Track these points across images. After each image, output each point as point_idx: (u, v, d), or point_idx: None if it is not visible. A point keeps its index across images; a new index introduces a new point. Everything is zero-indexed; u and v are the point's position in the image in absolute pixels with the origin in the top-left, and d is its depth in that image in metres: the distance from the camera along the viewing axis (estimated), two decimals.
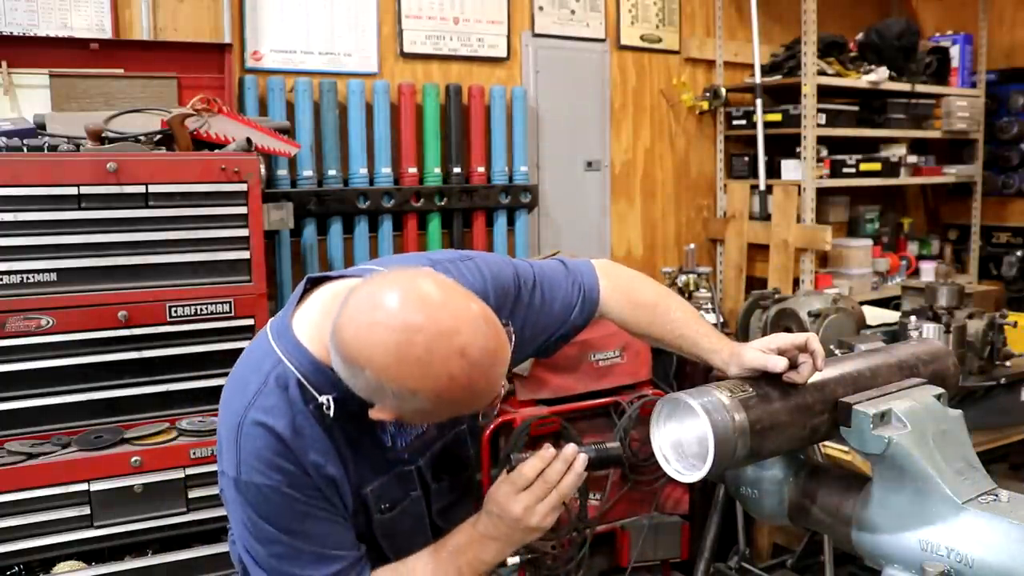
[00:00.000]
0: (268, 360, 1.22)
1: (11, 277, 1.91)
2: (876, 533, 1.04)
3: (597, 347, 2.89)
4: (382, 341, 1.04)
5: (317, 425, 1.19)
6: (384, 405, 1.11)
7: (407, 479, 1.31)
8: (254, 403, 1.19)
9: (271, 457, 1.16)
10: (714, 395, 1.11)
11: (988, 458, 2.35)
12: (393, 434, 1.28)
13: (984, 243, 4.40)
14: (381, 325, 1.05)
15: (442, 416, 1.18)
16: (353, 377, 1.10)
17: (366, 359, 1.06)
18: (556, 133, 3.48)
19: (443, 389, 1.06)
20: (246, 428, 1.18)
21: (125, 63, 2.49)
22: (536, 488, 1.22)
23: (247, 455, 1.18)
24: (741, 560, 2.79)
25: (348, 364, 1.08)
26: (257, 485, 1.17)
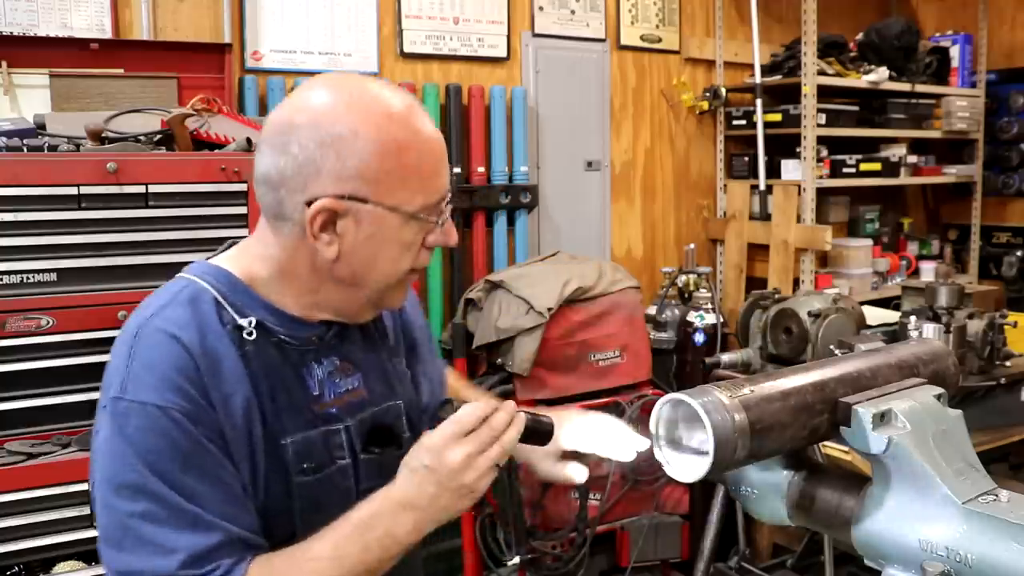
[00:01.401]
0: (175, 286, 1.09)
1: (11, 277, 1.90)
2: (876, 533, 1.04)
3: (597, 347, 2.89)
4: (314, 97, 1.04)
5: (233, 349, 1.02)
6: (320, 179, 1.00)
7: (334, 441, 1.12)
8: (157, 314, 1.03)
9: (169, 372, 0.97)
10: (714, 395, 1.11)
11: (988, 458, 2.35)
12: (321, 380, 1.12)
13: (984, 243, 4.40)
14: (312, 94, 1.05)
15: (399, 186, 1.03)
16: (284, 153, 1.01)
17: (298, 115, 1.02)
18: (556, 133, 3.48)
19: (384, 130, 1.01)
20: (144, 335, 1.01)
21: (125, 63, 2.49)
22: (482, 433, 1.04)
23: (139, 367, 0.98)
24: (741, 560, 2.79)
25: (278, 136, 1.01)
26: (142, 405, 0.96)
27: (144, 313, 1.05)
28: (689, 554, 3.02)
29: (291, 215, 1.03)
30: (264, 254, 1.10)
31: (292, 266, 1.09)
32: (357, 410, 1.16)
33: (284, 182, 1.02)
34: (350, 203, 1.02)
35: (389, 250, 1.07)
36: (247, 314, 1.05)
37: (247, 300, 1.07)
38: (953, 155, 4.37)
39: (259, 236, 1.11)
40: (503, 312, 2.82)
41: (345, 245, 1.05)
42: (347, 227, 1.04)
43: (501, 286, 2.89)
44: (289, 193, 1.02)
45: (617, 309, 2.95)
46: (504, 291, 2.87)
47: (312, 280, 1.09)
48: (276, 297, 1.10)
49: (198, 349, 1.00)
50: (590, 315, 2.89)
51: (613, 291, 2.94)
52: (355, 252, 1.05)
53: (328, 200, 1.01)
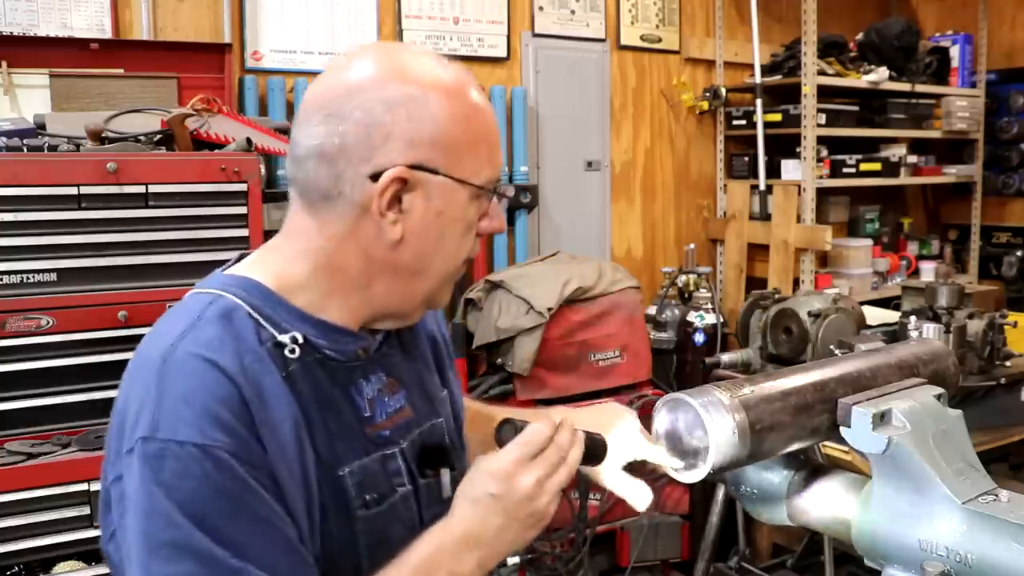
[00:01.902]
0: (196, 303, 0.93)
1: (11, 277, 1.90)
2: (876, 533, 1.04)
3: (597, 347, 2.89)
4: (368, 62, 0.93)
5: (275, 371, 0.89)
6: (390, 146, 0.90)
7: (392, 467, 1.00)
8: (185, 336, 0.88)
9: (210, 404, 0.83)
10: (714, 395, 1.11)
11: (988, 458, 2.35)
12: (372, 400, 1.00)
13: (984, 243, 4.40)
14: (363, 60, 0.93)
15: (468, 155, 0.94)
16: (344, 119, 0.89)
17: (356, 79, 0.91)
18: (556, 133, 3.48)
19: (453, 93, 0.92)
20: (174, 363, 0.86)
21: (125, 63, 2.49)
22: (550, 455, 0.95)
23: (173, 400, 0.83)
24: (741, 560, 2.79)
25: (333, 101, 0.90)
26: (180, 445, 0.81)
27: (166, 338, 0.89)
28: (689, 554, 3.02)
29: (349, 192, 0.91)
30: (299, 251, 0.96)
31: (340, 258, 0.95)
32: (406, 431, 1.05)
33: (345, 152, 0.90)
34: (422, 174, 0.91)
35: (455, 230, 0.96)
36: (286, 329, 0.92)
37: (283, 312, 0.94)
38: (953, 155, 4.37)
39: (290, 233, 0.99)
40: (503, 312, 2.82)
41: (411, 224, 0.93)
42: (415, 202, 0.92)
43: (501, 286, 2.89)
44: (351, 165, 0.90)
45: (617, 309, 2.95)
46: (504, 291, 2.87)
47: (363, 274, 0.96)
48: (315, 304, 0.96)
49: (239, 375, 0.86)
50: (590, 315, 2.89)
51: (613, 291, 2.94)
52: (421, 232, 0.94)
53: (401, 169, 0.90)
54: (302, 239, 0.96)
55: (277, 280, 0.96)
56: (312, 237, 0.95)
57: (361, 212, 0.92)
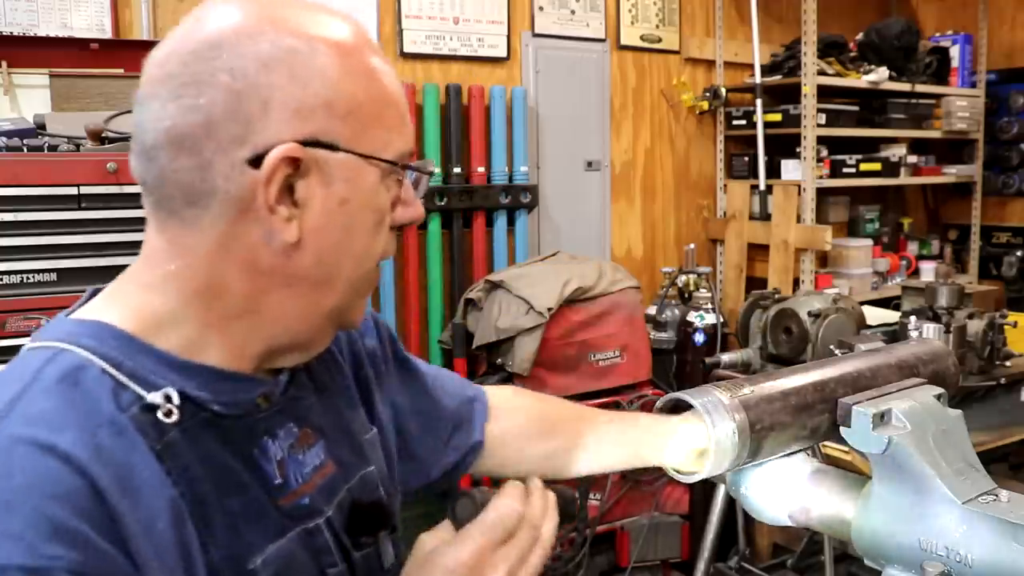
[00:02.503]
0: (29, 363, 0.68)
1: (11, 277, 1.90)
2: (876, 533, 1.04)
3: (597, 347, 2.89)
4: (232, 9, 0.70)
5: (144, 446, 0.65)
6: (270, 117, 0.67)
7: (319, 542, 0.79)
8: (9, 413, 0.63)
9: (45, 506, 0.58)
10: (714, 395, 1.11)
11: (988, 458, 2.35)
12: (281, 461, 0.77)
13: (984, 243, 4.40)
14: (226, 8, 0.70)
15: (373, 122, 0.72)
16: (206, 88, 0.66)
17: (216, 32, 0.68)
18: (556, 133, 3.48)
19: (345, 44, 0.72)
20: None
21: (125, 63, 2.48)
22: (522, 537, 0.77)
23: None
24: (741, 560, 2.79)
25: (188, 66, 0.67)
26: (3, 571, 0.55)
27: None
28: (689, 554, 3.02)
29: (222, 186, 0.68)
30: (162, 276, 0.74)
31: (217, 277, 0.72)
32: (331, 493, 0.82)
33: (212, 131, 0.67)
34: (318, 151, 0.69)
35: (365, 222, 0.74)
36: (156, 384, 0.68)
37: (149, 362, 0.69)
38: (953, 155, 4.37)
39: (148, 255, 0.77)
40: (503, 312, 2.82)
41: (309, 219, 0.71)
42: (311, 190, 0.70)
43: (501, 286, 2.89)
44: (221, 149, 0.67)
45: (617, 309, 2.95)
46: (504, 291, 2.87)
47: (250, 294, 0.73)
48: (191, 345, 0.72)
49: (91, 459, 0.61)
50: (590, 315, 2.89)
51: (613, 291, 2.94)
52: (323, 229, 0.72)
53: (291, 147, 0.67)
54: (163, 260, 0.74)
55: (136, 319, 0.72)
56: (177, 255, 0.73)
57: (240, 211, 0.69)
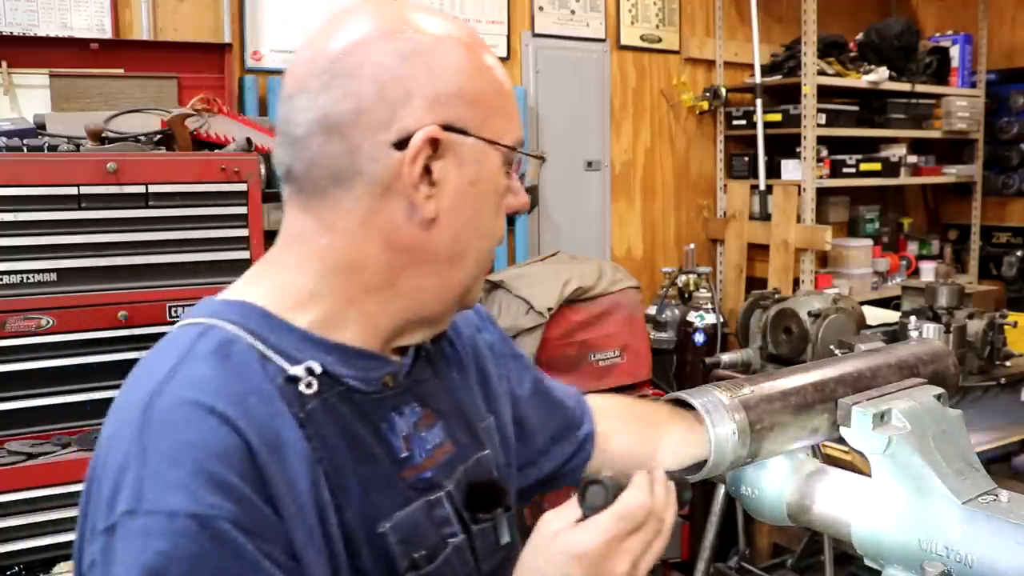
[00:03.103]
0: (184, 337, 0.74)
1: (11, 277, 1.90)
2: (876, 533, 1.04)
3: (597, 347, 2.89)
4: (366, 16, 0.79)
5: (288, 414, 0.71)
6: (412, 104, 0.74)
7: (440, 513, 0.83)
8: (172, 377, 0.69)
9: (207, 463, 0.65)
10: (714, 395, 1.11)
11: (988, 458, 2.35)
12: (407, 436, 0.82)
13: (984, 243, 4.40)
14: (360, 14, 0.80)
15: (496, 112, 0.79)
16: (352, 79, 0.74)
17: (357, 35, 0.77)
18: (556, 133, 3.48)
19: (465, 40, 0.78)
20: (161, 412, 0.67)
21: (125, 63, 2.49)
22: (649, 528, 0.78)
23: (159, 461, 0.65)
24: (741, 560, 2.79)
25: (333, 63, 0.76)
26: (170, 517, 0.62)
27: (150, 379, 0.70)
28: (689, 554, 3.02)
29: (369, 169, 0.74)
30: (303, 257, 0.79)
31: (357, 254, 0.77)
32: (450, 470, 0.86)
33: (361, 117, 0.73)
34: (453, 135, 0.75)
35: (490, 203, 0.81)
36: (298, 358, 0.74)
37: (291, 338, 0.75)
38: (953, 155, 4.37)
39: (289, 239, 0.81)
40: (503, 312, 2.82)
41: (445, 198, 0.76)
42: (447, 172, 0.76)
43: (501, 286, 2.89)
44: (368, 133, 0.74)
45: (617, 309, 2.95)
46: (504, 291, 2.87)
47: (388, 270, 0.78)
48: (329, 323, 0.78)
49: (244, 420, 0.68)
50: (590, 315, 2.89)
51: (613, 291, 2.94)
52: (457, 208, 0.78)
53: (433, 129, 0.73)
54: (305, 243, 0.79)
55: (278, 297, 0.78)
56: (319, 236, 0.78)
57: (383, 192, 0.75)
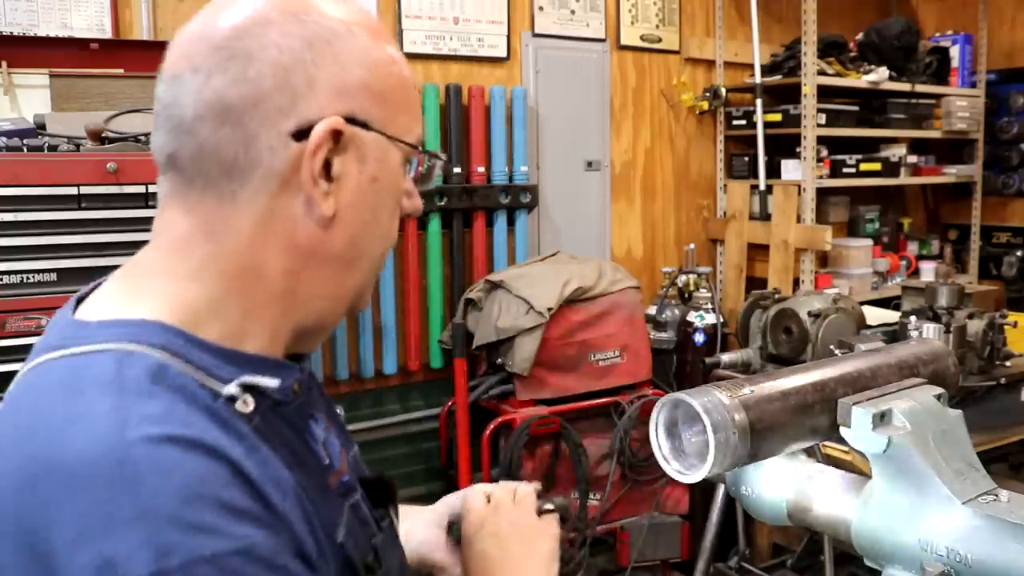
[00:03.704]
0: (92, 370, 0.64)
1: (11, 277, 1.90)
2: (876, 533, 1.04)
3: (597, 347, 2.89)
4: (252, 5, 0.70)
5: (247, 432, 0.65)
6: (315, 93, 0.68)
7: (361, 515, 0.80)
8: (123, 418, 0.59)
9: (221, 493, 0.59)
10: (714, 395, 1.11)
11: (988, 458, 2.35)
12: (324, 442, 0.78)
13: (984, 243, 4.40)
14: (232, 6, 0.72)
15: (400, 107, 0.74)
16: (251, 62, 0.67)
17: (261, 11, 0.69)
18: (556, 133, 3.48)
19: (375, 32, 0.73)
20: (141, 459, 0.57)
21: (125, 63, 2.48)
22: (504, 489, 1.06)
23: (172, 509, 0.56)
24: (741, 560, 2.79)
25: (231, 41, 0.68)
26: (212, 561, 0.56)
27: (79, 431, 0.59)
28: (689, 554, 3.02)
29: (266, 159, 0.68)
30: (198, 262, 0.70)
31: (255, 258, 0.70)
32: (354, 471, 0.84)
33: (260, 103, 0.67)
34: (356, 129, 0.70)
35: (388, 203, 0.76)
36: (224, 377, 0.66)
37: (209, 356, 0.67)
38: (953, 155, 4.37)
39: (171, 242, 0.72)
40: (503, 312, 2.82)
41: (344, 195, 0.71)
42: (347, 167, 0.71)
43: (501, 286, 2.89)
44: (266, 121, 0.67)
45: (617, 309, 2.95)
46: (504, 291, 2.87)
47: (287, 274, 0.71)
48: (234, 335, 0.70)
49: (227, 448, 0.61)
50: (590, 315, 2.89)
51: (613, 291, 2.94)
52: (356, 205, 0.72)
53: (336, 121, 0.68)
54: (196, 244, 0.70)
55: (176, 312, 0.68)
56: (213, 235, 0.69)
57: (281, 185, 0.69)
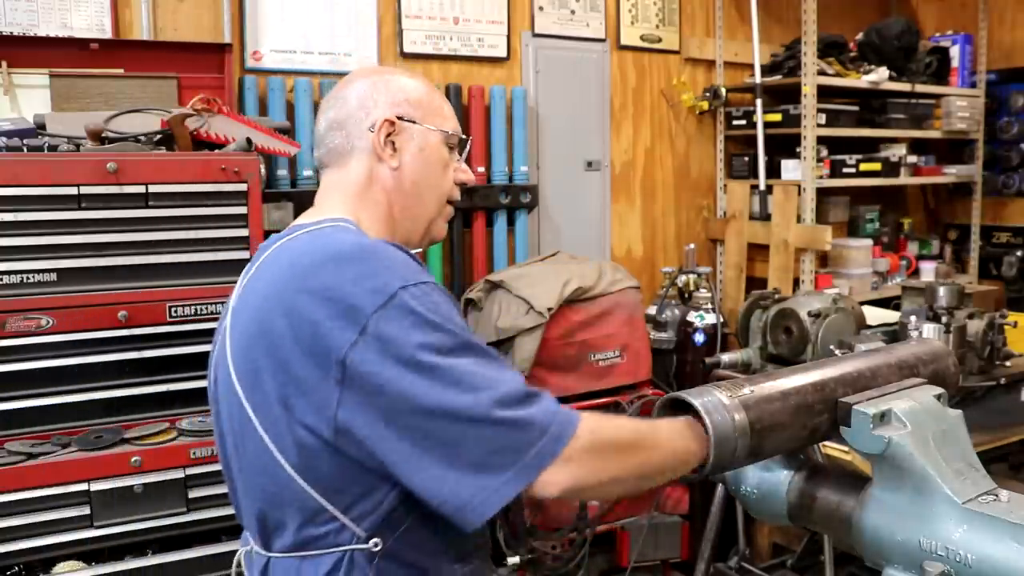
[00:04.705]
0: (338, 228, 1.17)
1: (11, 277, 1.90)
2: (876, 533, 1.04)
3: (597, 347, 2.89)
4: (352, 74, 1.33)
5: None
6: (378, 106, 1.25)
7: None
8: (361, 237, 1.14)
9: (416, 264, 1.10)
10: (714, 395, 1.11)
11: (988, 458, 2.35)
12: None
13: (984, 243, 4.40)
14: (349, 76, 1.33)
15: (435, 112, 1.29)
16: (344, 100, 1.26)
17: (346, 83, 1.30)
18: (556, 133, 3.48)
19: (414, 77, 1.31)
20: (374, 246, 1.09)
21: (125, 63, 2.49)
22: None
23: (396, 265, 1.05)
24: (741, 560, 2.79)
25: (334, 97, 1.28)
26: (417, 286, 1.02)
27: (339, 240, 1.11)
28: (689, 554, 3.02)
29: (357, 144, 1.25)
30: (343, 196, 1.24)
31: (369, 188, 1.26)
32: None
33: (350, 116, 1.26)
34: (404, 123, 1.26)
35: (436, 164, 1.29)
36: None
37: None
38: (953, 155, 4.37)
39: (327, 191, 1.27)
40: (503, 312, 2.82)
41: (404, 157, 1.26)
42: (403, 143, 1.26)
43: (501, 286, 2.89)
44: (355, 124, 1.25)
45: (617, 309, 2.95)
46: (504, 291, 2.87)
47: (387, 202, 1.26)
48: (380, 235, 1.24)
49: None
50: (590, 315, 2.89)
51: (613, 291, 2.94)
52: (412, 163, 1.26)
53: (391, 116, 1.25)
54: (339, 192, 1.26)
55: (353, 218, 1.22)
56: (347, 186, 1.26)
57: (370, 156, 1.25)
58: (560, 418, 0.99)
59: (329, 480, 1.02)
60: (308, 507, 1.04)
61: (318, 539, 1.04)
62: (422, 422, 0.96)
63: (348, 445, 0.99)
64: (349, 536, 1.03)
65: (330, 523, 1.04)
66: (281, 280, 1.07)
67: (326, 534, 1.04)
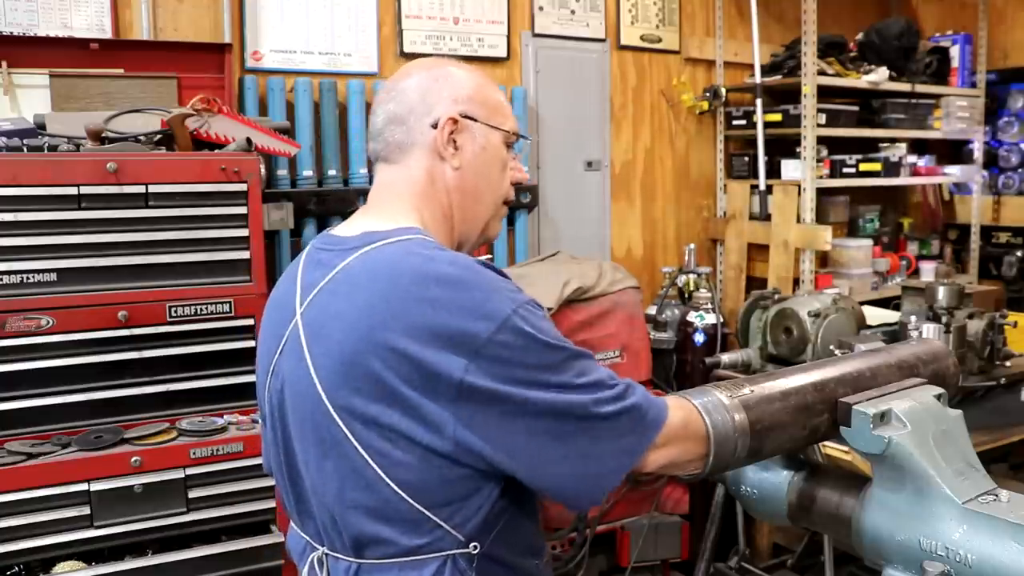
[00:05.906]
0: (412, 242, 1.13)
1: (11, 277, 1.90)
2: (876, 533, 1.04)
3: (597, 347, 2.89)
4: (408, 67, 1.29)
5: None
6: (442, 102, 1.22)
7: None
8: (445, 253, 1.11)
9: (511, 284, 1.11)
10: (714, 395, 1.11)
11: (988, 458, 2.35)
12: None
13: (984, 243, 4.40)
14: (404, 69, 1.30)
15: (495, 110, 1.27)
16: (405, 93, 1.22)
17: (404, 76, 1.26)
18: (556, 133, 3.48)
19: (474, 73, 1.29)
20: (469, 265, 1.08)
21: (125, 63, 2.49)
22: None
23: (498, 284, 1.07)
24: (741, 560, 2.79)
25: (392, 89, 1.24)
26: (524, 304, 1.05)
27: (428, 257, 1.09)
28: (689, 554, 3.02)
29: (420, 140, 1.21)
30: (405, 195, 1.21)
31: (431, 187, 1.22)
32: None
33: (412, 111, 1.21)
34: (466, 120, 1.22)
35: (495, 164, 1.26)
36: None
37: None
38: (953, 155, 4.37)
39: (387, 189, 1.23)
40: None
41: (465, 156, 1.22)
42: (464, 141, 1.22)
43: None
44: (417, 120, 1.21)
45: (617, 309, 2.95)
46: None
47: (446, 202, 1.23)
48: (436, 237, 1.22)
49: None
50: (590, 315, 2.89)
51: (613, 291, 2.94)
52: (473, 162, 1.23)
53: (454, 114, 1.21)
54: (401, 191, 1.22)
55: (418, 224, 1.20)
56: (409, 184, 1.22)
57: (430, 153, 1.21)
58: (654, 404, 1.08)
59: (437, 491, 1.05)
60: (411, 519, 1.05)
61: (421, 547, 1.06)
62: (543, 425, 1.02)
63: (466, 457, 1.03)
64: (451, 542, 1.06)
65: (434, 531, 1.05)
66: (381, 305, 1.04)
67: (429, 542, 1.06)
